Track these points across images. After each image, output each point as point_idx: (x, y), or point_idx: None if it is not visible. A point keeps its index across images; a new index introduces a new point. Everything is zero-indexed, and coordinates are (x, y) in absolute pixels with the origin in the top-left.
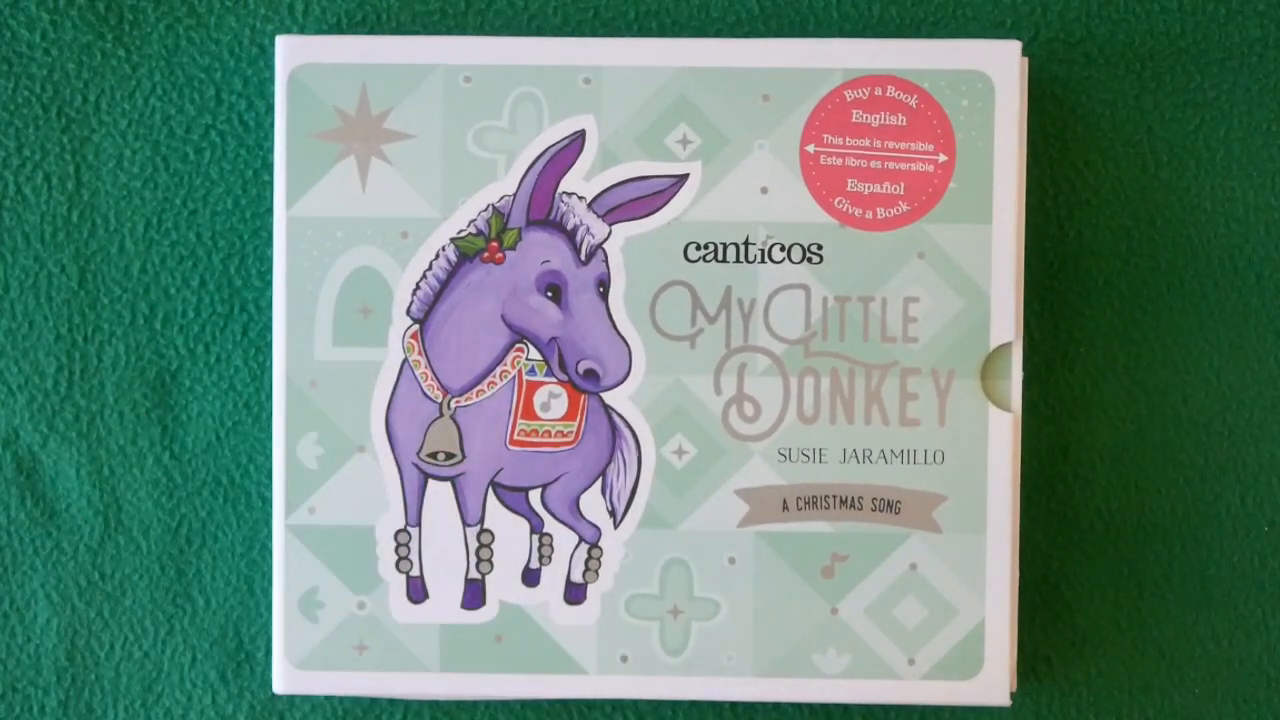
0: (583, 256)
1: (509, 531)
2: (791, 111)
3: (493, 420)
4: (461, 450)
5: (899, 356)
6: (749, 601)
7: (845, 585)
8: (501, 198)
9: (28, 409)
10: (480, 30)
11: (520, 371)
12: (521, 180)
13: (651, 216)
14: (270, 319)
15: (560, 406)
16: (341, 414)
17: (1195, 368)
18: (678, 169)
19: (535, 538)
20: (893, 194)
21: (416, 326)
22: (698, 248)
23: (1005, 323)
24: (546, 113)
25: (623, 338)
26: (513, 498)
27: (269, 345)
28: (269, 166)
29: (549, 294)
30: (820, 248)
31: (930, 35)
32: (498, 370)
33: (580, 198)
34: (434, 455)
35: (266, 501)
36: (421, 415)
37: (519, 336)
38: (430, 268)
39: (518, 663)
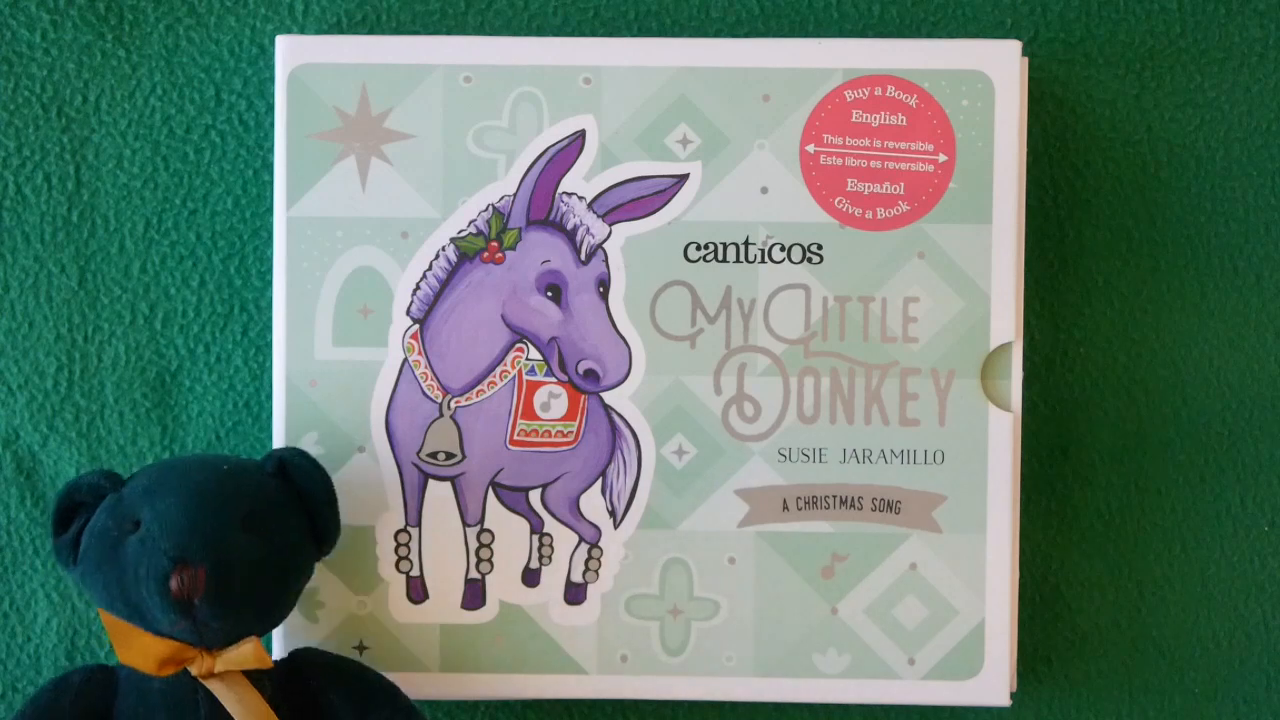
0: (583, 256)
1: (509, 531)
2: (791, 111)
3: (493, 420)
4: (461, 450)
5: (899, 356)
6: (749, 601)
7: (845, 585)
8: (501, 198)
9: (28, 409)
10: (480, 30)
11: (520, 371)
12: (521, 180)
13: (651, 216)
14: (270, 319)
15: (560, 406)
16: (341, 414)
17: (1195, 368)
18: (678, 169)
19: (535, 538)
20: (893, 194)
21: (416, 326)
22: (698, 248)
23: (1005, 323)
24: (546, 113)
25: (623, 338)
26: (513, 498)
27: (269, 345)
28: (269, 166)
29: (549, 294)
30: (820, 248)
31: (930, 35)
32: (498, 370)
33: (580, 198)
34: (434, 455)
35: None
36: (421, 415)
37: (519, 336)
38: (430, 268)
39: (518, 663)
